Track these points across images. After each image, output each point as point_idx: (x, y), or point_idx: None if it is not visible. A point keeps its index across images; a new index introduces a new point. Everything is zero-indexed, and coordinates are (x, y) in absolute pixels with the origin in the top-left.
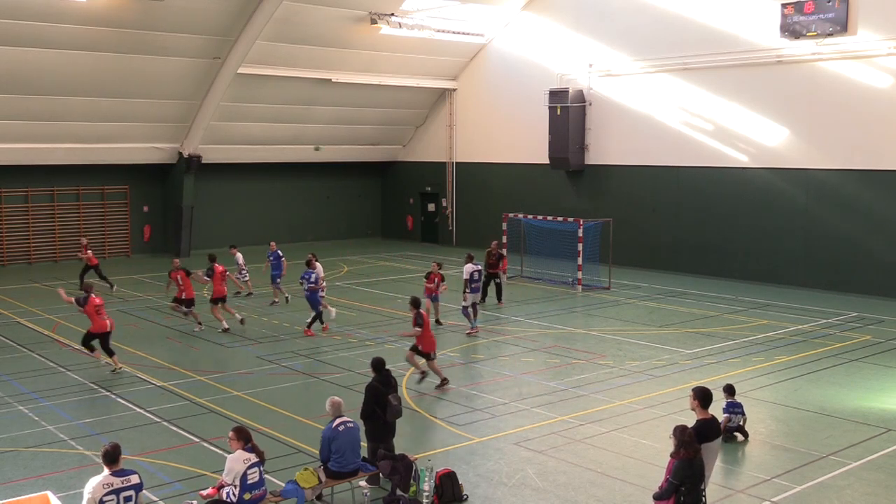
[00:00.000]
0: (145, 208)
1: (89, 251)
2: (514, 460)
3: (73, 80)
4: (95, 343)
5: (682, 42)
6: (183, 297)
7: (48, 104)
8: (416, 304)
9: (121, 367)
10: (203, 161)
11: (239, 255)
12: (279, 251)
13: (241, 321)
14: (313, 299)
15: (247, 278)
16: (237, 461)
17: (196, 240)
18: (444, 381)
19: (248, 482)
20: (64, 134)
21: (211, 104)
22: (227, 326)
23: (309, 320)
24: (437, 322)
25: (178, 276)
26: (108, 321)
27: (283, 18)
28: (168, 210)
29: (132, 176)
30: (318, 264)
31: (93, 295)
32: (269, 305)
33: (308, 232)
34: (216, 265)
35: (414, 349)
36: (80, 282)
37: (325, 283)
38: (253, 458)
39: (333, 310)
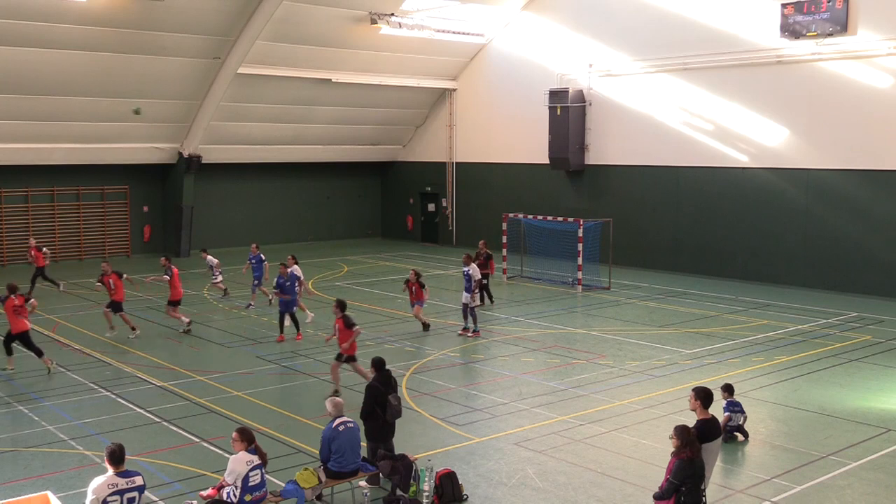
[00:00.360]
0: (145, 208)
1: (45, 249)
2: (514, 460)
3: (73, 80)
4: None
5: (682, 42)
6: (113, 301)
7: (48, 104)
8: (342, 306)
9: (12, 369)
10: (203, 161)
11: (210, 258)
12: (261, 254)
13: (189, 325)
14: (284, 304)
15: (218, 280)
16: (240, 462)
17: (196, 240)
18: (337, 392)
19: (250, 484)
20: (64, 134)
21: (211, 104)
22: (187, 321)
23: (293, 325)
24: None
25: (111, 281)
26: (28, 322)
27: (283, 18)
28: (168, 210)
29: (132, 176)
30: (296, 266)
31: (13, 296)
32: (268, 305)
33: (308, 232)
34: (174, 267)
35: (340, 357)
36: (50, 282)
37: (301, 289)
38: (255, 460)
39: (310, 314)
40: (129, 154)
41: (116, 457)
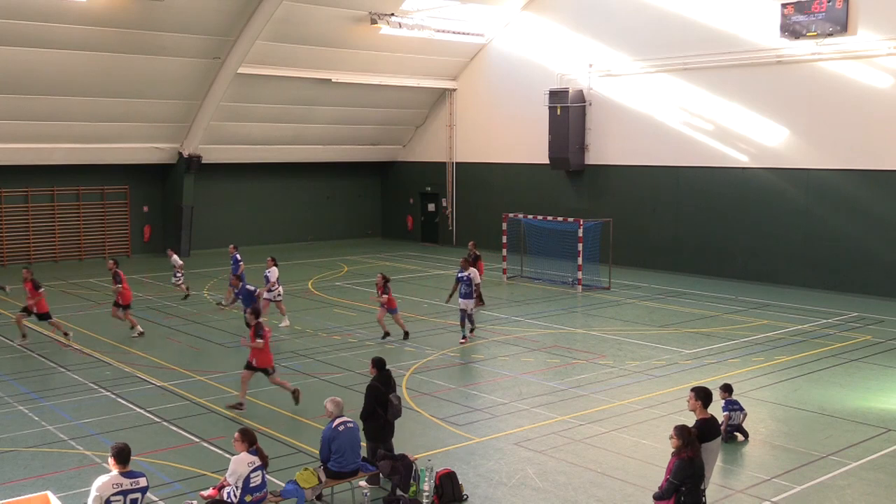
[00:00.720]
0: (145, 208)
1: None
2: (514, 460)
3: (73, 80)
4: None
5: (682, 42)
6: (32, 309)
7: (48, 104)
8: (256, 313)
9: None
10: (203, 161)
11: (175, 258)
12: (237, 255)
13: (140, 334)
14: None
15: (180, 281)
16: (241, 463)
17: (196, 240)
18: (296, 393)
19: (251, 485)
20: (64, 134)
21: (211, 104)
22: (141, 330)
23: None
24: (405, 334)
25: (28, 288)
26: None
27: (283, 18)
28: (168, 210)
29: (132, 176)
30: (274, 268)
31: None
32: (216, 305)
33: (308, 232)
34: (121, 272)
35: (248, 366)
36: None
37: (279, 288)
38: (256, 461)
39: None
40: (129, 154)
41: (123, 455)
